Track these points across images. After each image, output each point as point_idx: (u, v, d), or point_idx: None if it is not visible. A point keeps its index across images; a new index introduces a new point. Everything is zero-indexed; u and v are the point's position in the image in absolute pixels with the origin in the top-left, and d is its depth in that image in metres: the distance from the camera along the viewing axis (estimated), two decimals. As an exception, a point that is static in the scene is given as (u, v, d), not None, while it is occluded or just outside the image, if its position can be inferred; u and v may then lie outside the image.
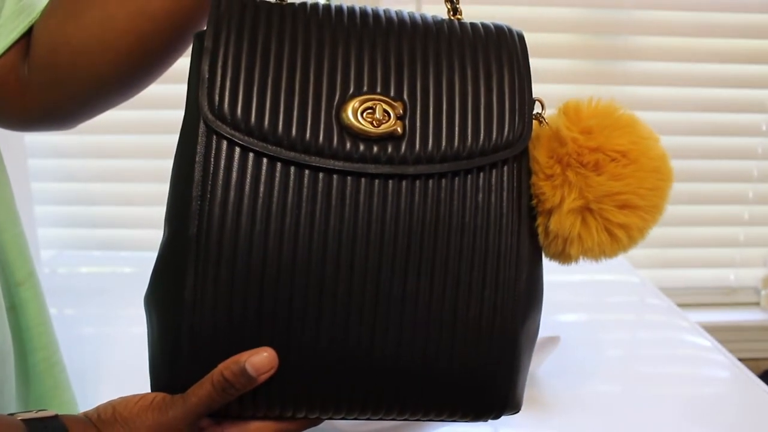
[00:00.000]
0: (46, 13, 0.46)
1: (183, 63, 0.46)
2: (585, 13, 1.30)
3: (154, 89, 0.49)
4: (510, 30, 0.46)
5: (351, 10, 0.44)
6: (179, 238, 0.40)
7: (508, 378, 0.43)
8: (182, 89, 0.43)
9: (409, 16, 0.44)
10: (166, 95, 1.20)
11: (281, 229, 0.39)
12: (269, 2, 0.43)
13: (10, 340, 0.51)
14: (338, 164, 0.39)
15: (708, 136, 1.39)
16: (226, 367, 0.39)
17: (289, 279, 0.39)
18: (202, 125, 0.40)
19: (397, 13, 0.44)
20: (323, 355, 0.40)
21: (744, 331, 1.48)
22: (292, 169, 0.39)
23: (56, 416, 0.40)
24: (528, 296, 0.43)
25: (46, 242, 1.30)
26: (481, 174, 0.42)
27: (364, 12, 0.44)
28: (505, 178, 0.42)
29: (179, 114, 0.43)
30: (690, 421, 0.69)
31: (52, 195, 1.31)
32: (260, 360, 0.39)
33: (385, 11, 0.44)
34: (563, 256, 0.44)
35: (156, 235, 0.42)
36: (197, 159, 0.40)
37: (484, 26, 0.46)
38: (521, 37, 0.46)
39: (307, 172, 0.39)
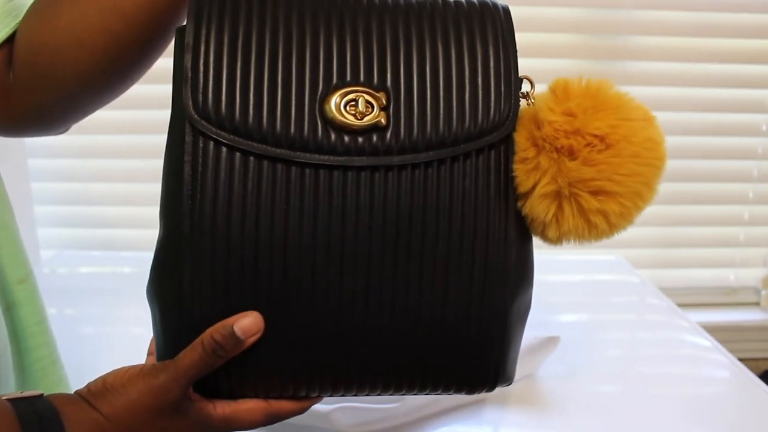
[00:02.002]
0: (27, 15, 0.46)
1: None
2: (585, 13, 1.29)
3: (154, 89, 0.49)
4: (495, 4, 0.45)
5: None
6: (174, 235, 0.41)
7: (499, 353, 0.44)
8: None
9: None
10: (166, 95, 1.20)
11: (271, 223, 0.40)
12: None
13: (7, 339, 0.51)
14: (324, 158, 0.40)
15: (708, 136, 1.38)
16: (216, 330, 0.41)
17: (282, 270, 0.41)
18: (187, 125, 0.40)
19: None
20: (319, 336, 0.42)
21: (744, 331, 1.48)
22: (279, 165, 0.40)
23: (42, 395, 0.40)
24: (517, 274, 0.44)
25: (46, 242, 1.30)
26: (467, 160, 0.42)
27: None
28: (491, 162, 0.43)
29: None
30: (690, 421, 0.69)
31: (52, 195, 1.31)
32: (247, 322, 0.41)
33: None
34: (545, 238, 0.44)
35: (156, 235, 0.43)
36: (185, 158, 0.40)
37: (468, 2, 0.44)
38: (507, 12, 0.45)
39: (293, 167, 0.40)
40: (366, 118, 0.40)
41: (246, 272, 0.40)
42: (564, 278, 1.05)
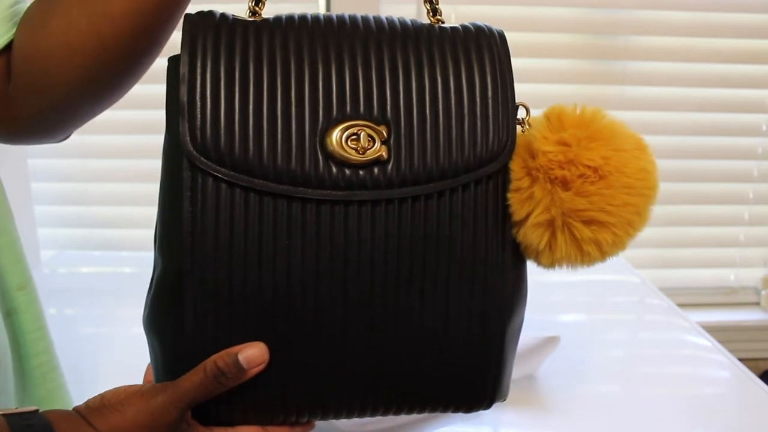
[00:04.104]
0: (20, 22, 0.46)
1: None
2: (585, 13, 1.30)
3: (154, 89, 0.49)
4: (490, 30, 0.45)
5: (328, 19, 0.43)
6: (175, 272, 0.41)
7: (495, 373, 0.45)
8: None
9: (388, 22, 0.44)
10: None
11: (273, 259, 0.40)
12: (244, 20, 0.42)
13: (7, 345, 0.51)
14: (325, 193, 0.40)
15: (708, 136, 1.39)
16: (220, 357, 0.41)
17: (285, 305, 0.41)
18: (185, 161, 0.40)
19: (375, 19, 0.44)
20: (322, 365, 0.42)
21: (744, 331, 1.48)
22: (280, 201, 0.40)
23: (37, 411, 0.40)
24: (513, 298, 0.45)
25: (46, 242, 1.30)
26: (466, 190, 0.42)
27: (341, 21, 0.43)
28: (489, 192, 0.43)
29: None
30: (690, 421, 0.69)
31: (52, 195, 1.31)
32: (252, 353, 0.41)
33: (363, 18, 0.43)
34: (539, 264, 0.44)
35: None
36: (184, 194, 0.40)
37: (464, 29, 0.44)
38: (502, 37, 0.45)
39: (294, 203, 0.40)
40: (368, 153, 0.40)
41: (249, 308, 0.40)
42: (564, 278, 1.05)
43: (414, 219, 0.41)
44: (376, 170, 0.40)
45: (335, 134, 0.40)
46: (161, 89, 0.41)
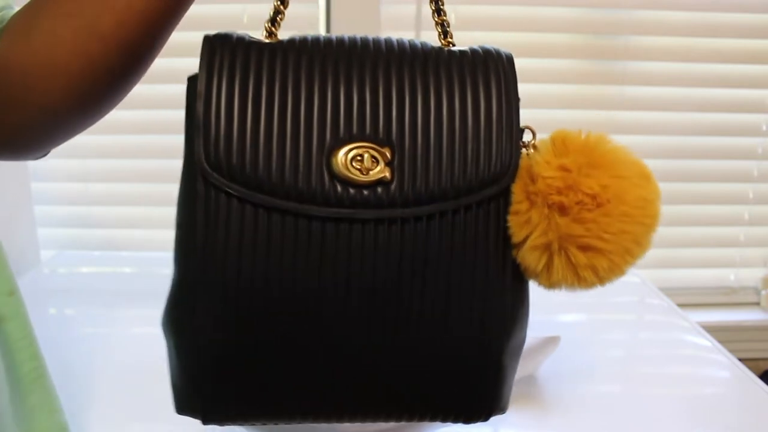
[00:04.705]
0: (4, 31, 0.44)
1: (183, 63, 0.46)
2: (585, 13, 1.30)
3: (155, 89, 0.49)
4: (498, 53, 0.46)
5: (340, 41, 0.44)
6: (187, 278, 0.43)
7: (494, 388, 0.47)
8: (182, 89, 0.43)
9: (398, 44, 0.45)
10: (166, 95, 1.20)
11: (279, 271, 0.42)
12: (260, 42, 0.44)
13: None
14: (330, 211, 0.41)
15: (708, 136, 1.39)
16: None
17: (289, 315, 0.43)
18: (200, 176, 0.42)
19: (386, 41, 0.45)
20: (326, 373, 0.44)
21: (744, 331, 1.48)
22: (287, 217, 0.41)
23: None
24: (513, 315, 0.46)
25: (46, 242, 1.30)
26: (468, 211, 0.43)
27: (353, 43, 0.44)
28: (491, 213, 0.44)
29: (179, 114, 0.43)
30: (690, 421, 0.69)
31: (52, 195, 1.31)
32: None
33: (374, 40, 0.45)
34: (538, 284, 0.45)
35: (156, 235, 0.43)
36: (198, 207, 0.42)
37: (473, 52, 0.45)
38: (510, 60, 0.46)
39: (301, 219, 0.42)
40: (371, 173, 0.42)
41: (256, 316, 0.43)
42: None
43: (416, 238, 0.42)
44: (379, 190, 0.42)
45: (341, 155, 0.42)
46: (161, 89, 0.41)
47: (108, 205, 1.34)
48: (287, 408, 0.45)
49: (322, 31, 1.27)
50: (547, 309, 0.91)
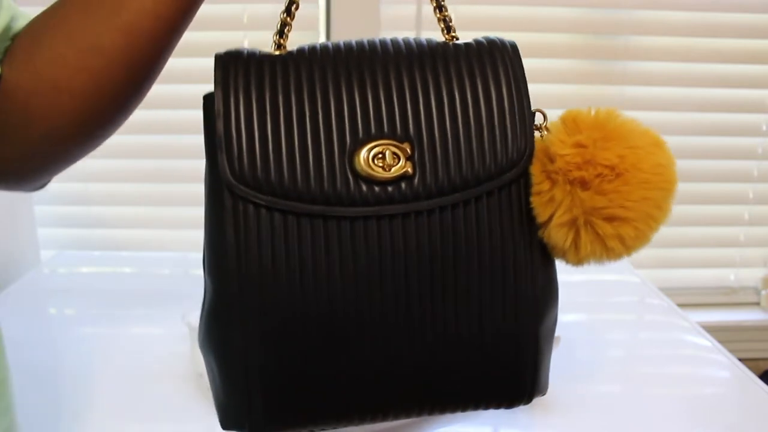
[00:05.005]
0: (4, 55, 0.43)
1: (183, 63, 0.46)
2: (585, 13, 1.29)
3: (154, 90, 0.48)
4: (503, 42, 0.47)
5: (348, 46, 0.45)
6: (224, 294, 0.44)
7: (533, 369, 0.47)
8: (182, 89, 0.44)
9: (405, 43, 0.46)
10: (166, 95, 1.20)
11: (314, 275, 0.43)
12: (270, 55, 0.45)
13: None
14: (357, 210, 0.43)
15: (708, 136, 1.38)
16: None
17: (329, 317, 0.43)
18: (226, 190, 0.43)
19: (393, 42, 0.46)
20: (367, 371, 0.45)
21: (744, 331, 1.48)
22: (316, 221, 0.43)
23: None
24: (544, 297, 0.47)
25: (46, 242, 1.30)
26: (491, 197, 0.44)
27: (360, 47, 0.45)
28: (513, 197, 0.45)
29: (179, 114, 0.43)
30: (690, 421, 0.69)
31: (52, 195, 1.31)
32: None
33: (380, 42, 0.46)
34: (567, 262, 0.46)
35: (156, 235, 0.43)
36: (227, 220, 0.43)
37: (478, 43, 0.47)
38: (515, 48, 0.47)
39: (330, 221, 0.43)
40: (393, 170, 0.43)
41: (295, 323, 0.43)
42: (564, 278, 1.05)
43: (443, 228, 0.43)
44: (403, 185, 0.43)
45: (362, 154, 0.43)
46: (161, 90, 0.41)
47: (108, 205, 1.33)
48: (333, 414, 0.46)
49: (322, 31, 1.27)
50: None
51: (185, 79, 1.18)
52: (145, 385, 0.74)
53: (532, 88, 0.47)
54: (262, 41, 1.22)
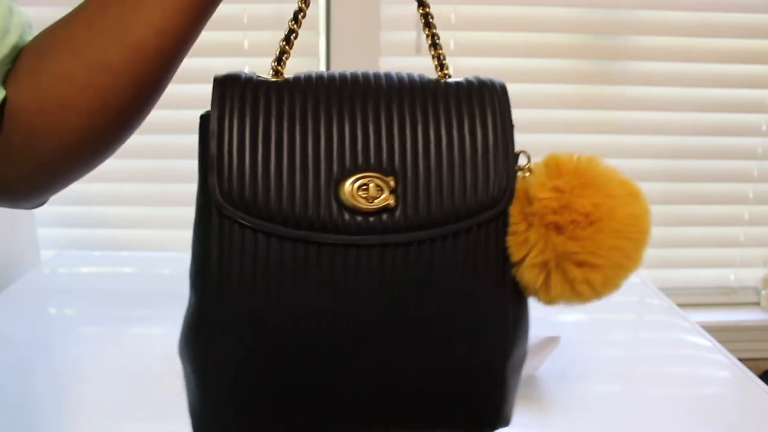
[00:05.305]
0: (9, 79, 0.42)
1: (183, 63, 0.46)
2: (585, 13, 1.30)
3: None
4: (492, 83, 0.49)
5: (343, 77, 0.47)
6: (203, 306, 0.45)
7: (497, 402, 0.49)
8: (182, 89, 0.44)
9: (398, 78, 0.47)
10: (166, 95, 1.20)
11: (292, 296, 0.44)
12: (267, 81, 0.46)
13: None
14: (339, 238, 0.44)
15: (708, 136, 1.39)
16: None
17: (302, 338, 0.45)
18: (214, 208, 0.44)
19: (385, 76, 0.48)
20: (336, 391, 0.46)
21: (744, 331, 1.48)
22: (299, 245, 0.44)
23: None
24: (514, 332, 0.48)
25: (46, 242, 1.30)
26: (469, 233, 0.45)
27: (354, 79, 0.47)
28: (490, 234, 0.46)
29: (178, 114, 0.43)
30: (690, 421, 0.69)
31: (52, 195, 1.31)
32: None
33: (374, 75, 0.47)
34: (539, 300, 0.47)
35: (156, 235, 0.44)
36: (213, 237, 0.44)
37: (468, 83, 0.48)
38: (503, 89, 0.48)
39: (312, 246, 0.44)
40: (376, 201, 0.44)
41: (269, 340, 0.45)
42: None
43: (420, 261, 0.45)
44: (384, 216, 0.44)
45: (347, 184, 0.44)
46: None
47: (108, 205, 1.34)
48: (302, 428, 0.47)
49: (322, 31, 1.27)
50: (548, 309, 0.91)
51: (185, 79, 1.18)
52: (145, 385, 0.74)
53: (532, 88, 0.48)
54: (262, 41, 1.22)
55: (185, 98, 1.24)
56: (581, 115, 1.34)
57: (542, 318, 0.52)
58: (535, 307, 0.49)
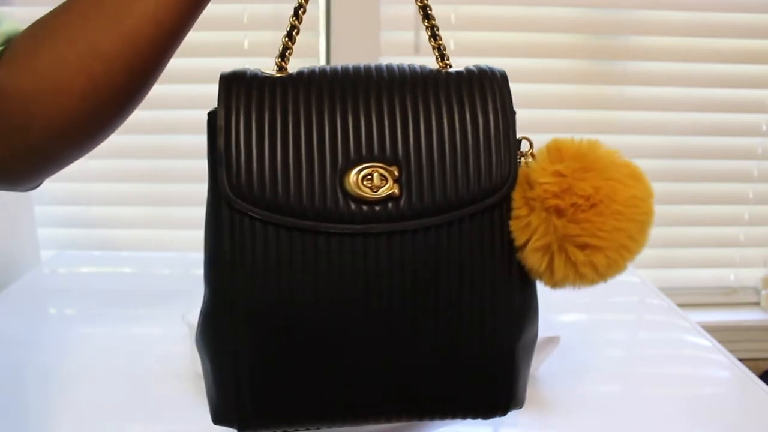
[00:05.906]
0: (2, 62, 0.43)
1: (183, 63, 0.46)
2: (585, 13, 1.29)
3: (155, 89, 0.49)
4: (492, 71, 0.49)
5: (345, 70, 0.48)
6: (218, 298, 0.47)
7: (509, 383, 0.50)
8: (182, 89, 0.44)
9: (399, 70, 0.48)
10: (166, 95, 1.20)
11: (302, 285, 0.45)
12: (271, 77, 0.47)
13: None
14: (345, 227, 0.45)
15: (708, 136, 1.38)
16: None
17: (315, 326, 0.46)
18: (224, 203, 0.45)
19: (387, 68, 0.48)
20: (350, 378, 0.47)
21: (744, 331, 1.48)
22: (307, 235, 0.45)
23: None
24: (522, 315, 0.49)
25: (46, 242, 1.30)
26: (473, 219, 0.46)
27: (357, 72, 0.48)
28: (494, 220, 0.47)
29: (178, 114, 0.43)
30: (690, 421, 0.69)
31: (52, 195, 1.31)
32: None
33: (376, 68, 0.48)
34: (543, 283, 0.48)
35: (156, 235, 0.44)
36: (225, 231, 0.45)
37: (469, 72, 0.49)
38: (504, 77, 0.49)
39: (319, 236, 0.45)
40: (381, 190, 0.45)
41: (283, 328, 0.46)
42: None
43: (426, 248, 0.46)
44: (389, 205, 0.45)
45: (352, 175, 0.45)
46: (161, 90, 0.41)
47: (108, 205, 1.34)
48: (317, 414, 0.48)
49: (322, 31, 1.27)
50: (547, 309, 0.91)
51: (185, 79, 1.18)
52: (145, 385, 0.74)
53: (532, 88, 0.48)
54: (262, 41, 1.22)
55: (186, 98, 1.24)
56: (581, 115, 1.34)
57: (542, 318, 0.52)
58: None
